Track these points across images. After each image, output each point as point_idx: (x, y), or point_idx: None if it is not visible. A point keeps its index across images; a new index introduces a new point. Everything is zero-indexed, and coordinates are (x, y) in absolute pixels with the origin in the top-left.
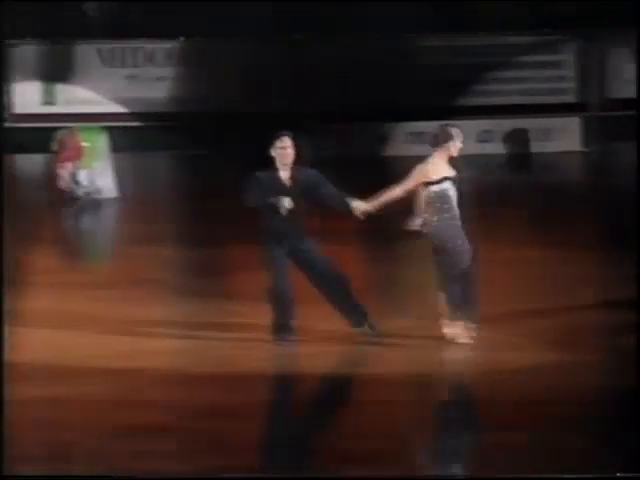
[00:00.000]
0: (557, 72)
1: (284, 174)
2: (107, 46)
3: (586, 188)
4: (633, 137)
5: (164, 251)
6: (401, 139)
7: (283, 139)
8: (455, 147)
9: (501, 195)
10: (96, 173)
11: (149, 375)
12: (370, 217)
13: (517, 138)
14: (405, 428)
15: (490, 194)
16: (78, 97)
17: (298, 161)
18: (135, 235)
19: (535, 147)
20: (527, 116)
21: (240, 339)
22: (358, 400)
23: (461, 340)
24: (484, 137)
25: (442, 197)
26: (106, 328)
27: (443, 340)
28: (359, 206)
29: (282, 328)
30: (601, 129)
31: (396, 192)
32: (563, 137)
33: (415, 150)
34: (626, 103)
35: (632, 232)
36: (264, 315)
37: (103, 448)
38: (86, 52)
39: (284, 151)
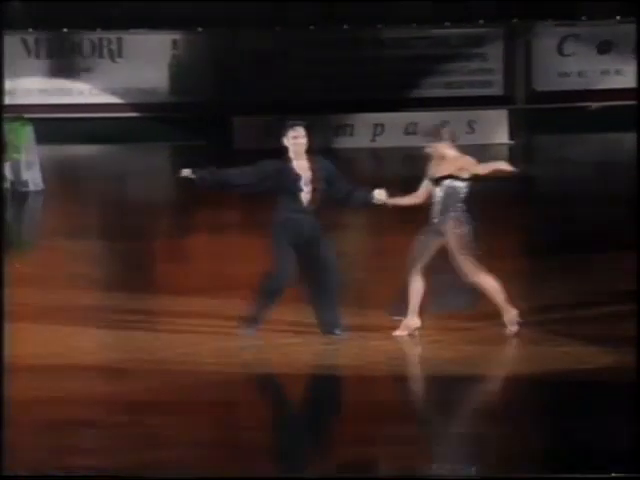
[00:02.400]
0: (483, 65)
1: (298, 164)
2: (32, 36)
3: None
4: (558, 130)
5: (90, 245)
6: (326, 133)
7: (297, 129)
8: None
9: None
10: (21, 165)
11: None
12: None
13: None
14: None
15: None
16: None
17: (310, 152)
18: (61, 228)
19: (462, 139)
20: (454, 109)
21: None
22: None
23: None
24: (411, 129)
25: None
26: (34, 322)
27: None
28: (381, 195)
29: (254, 320)
30: (527, 122)
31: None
32: (490, 130)
33: (342, 142)
34: (552, 96)
35: (557, 223)
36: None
37: (32, 444)
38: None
39: (297, 141)
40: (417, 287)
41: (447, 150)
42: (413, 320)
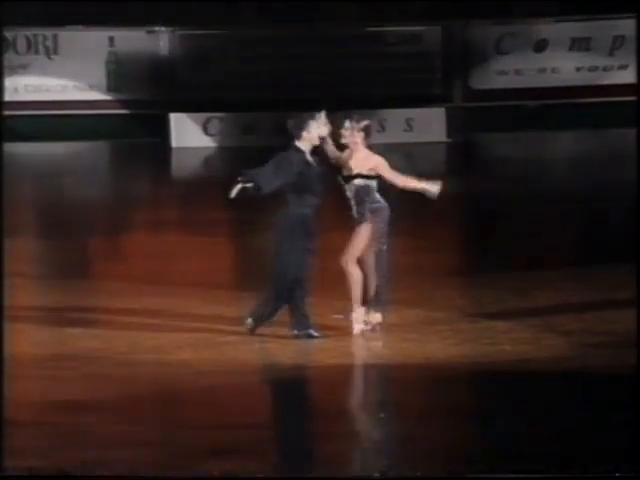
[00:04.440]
0: (421, 63)
1: (310, 158)
2: None
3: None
4: (495, 128)
5: (26, 243)
6: (268, 130)
7: (320, 121)
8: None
9: None
10: None
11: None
12: None
13: (380, 129)
14: None
15: None
16: None
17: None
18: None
19: (400, 137)
20: (391, 107)
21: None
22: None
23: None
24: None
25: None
26: None
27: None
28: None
29: (260, 319)
30: (465, 120)
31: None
32: (428, 128)
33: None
34: (489, 94)
35: (494, 220)
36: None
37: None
38: None
39: (319, 132)
40: (356, 280)
41: (359, 146)
42: (368, 314)
